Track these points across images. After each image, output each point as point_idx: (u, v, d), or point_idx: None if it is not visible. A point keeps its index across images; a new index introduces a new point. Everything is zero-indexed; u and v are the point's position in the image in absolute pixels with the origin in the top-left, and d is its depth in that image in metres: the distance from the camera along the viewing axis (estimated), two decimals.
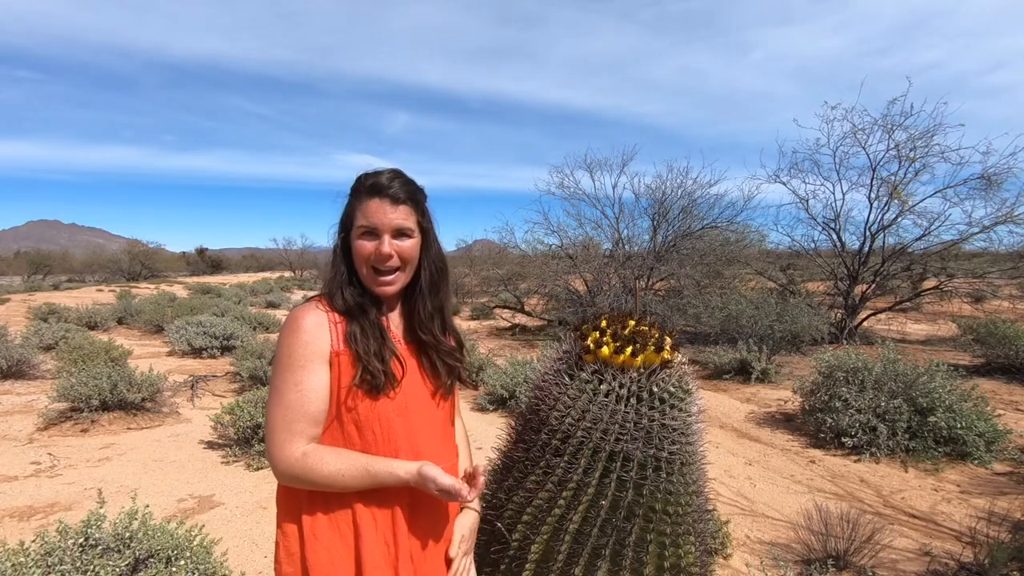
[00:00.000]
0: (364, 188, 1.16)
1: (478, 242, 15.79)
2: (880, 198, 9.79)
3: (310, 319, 1.12)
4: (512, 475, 1.40)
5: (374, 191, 1.15)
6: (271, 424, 1.10)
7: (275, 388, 1.11)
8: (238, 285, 26.26)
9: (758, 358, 7.12)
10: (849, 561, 2.77)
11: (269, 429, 1.11)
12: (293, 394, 1.09)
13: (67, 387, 4.92)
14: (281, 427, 1.09)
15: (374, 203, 1.14)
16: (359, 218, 1.15)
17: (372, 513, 1.12)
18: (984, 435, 4.31)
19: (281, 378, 1.10)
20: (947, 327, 10.39)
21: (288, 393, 1.09)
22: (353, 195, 1.19)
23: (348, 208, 1.19)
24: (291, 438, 1.08)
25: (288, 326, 1.13)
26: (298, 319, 1.12)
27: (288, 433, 1.08)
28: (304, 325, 1.11)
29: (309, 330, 1.11)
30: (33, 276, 36.16)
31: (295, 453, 1.08)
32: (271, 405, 1.11)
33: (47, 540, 2.04)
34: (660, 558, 1.29)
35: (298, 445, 1.09)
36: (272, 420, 1.10)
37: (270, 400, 1.12)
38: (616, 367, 1.30)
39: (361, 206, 1.16)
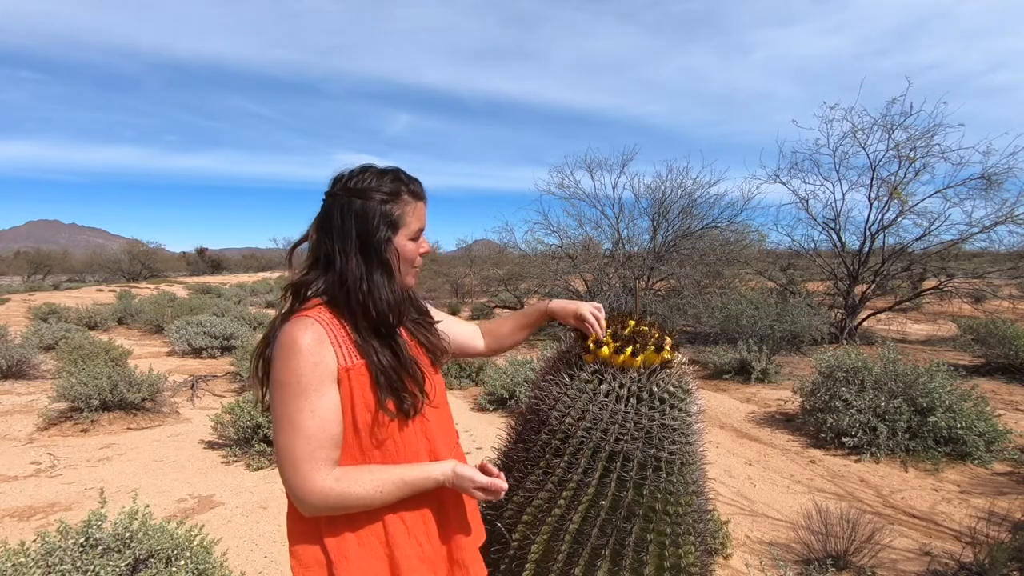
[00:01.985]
0: (414, 191, 1.14)
1: (478, 242, 15.80)
2: (880, 198, 9.79)
3: (309, 336, 1.02)
4: (512, 475, 1.40)
5: (420, 195, 1.16)
6: (292, 457, 1.00)
7: (286, 417, 1.01)
8: (238, 285, 26.26)
9: (758, 358, 7.12)
10: (849, 561, 2.77)
11: (290, 462, 1.00)
12: (311, 421, 1.01)
13: (67, 387, 4.92)
14: (305, 459, 1.00)
15: (422, 206, 1.16)
16: (414, 222, 1.14)
17: (402, 519, 1.10)
18: (984, 435, 4.31)
19: (294, 406, 1.01)
20: (947, 327, 10.39)
21: (305, 421, 1.00)
22: (393, 197, 1.11)
23: (391, 210, 1.10)
24: (317, 467, 1.01)
25: (287, 347, 1.02)
26: (296, 339, 1.02)
27: (313, 462, 1.01)
28: (305, 345, 1.02)
29: (313, 350, 1.02)
30: (33, 276, 36.16)
31: (327, 483, 1.01)
32: (286, 436, 1.01)
33: (47, 540, 2.04)
34: (660, 558, 1.29)
35: (327, 472, 1.02)
36: (292, 452, 1.00)
37: (283, 431, 1.01)
38: (616, 367, 1.30)
39: (413, 209, 1.14)
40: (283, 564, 2.87)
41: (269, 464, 4.13)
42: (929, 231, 9.52)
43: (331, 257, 1.09)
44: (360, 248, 1.08)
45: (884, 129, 9.42)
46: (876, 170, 9.68)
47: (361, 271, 1.08)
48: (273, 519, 3.33)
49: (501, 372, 5.97)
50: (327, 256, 1.10)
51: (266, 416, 4.23)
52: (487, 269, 13.81)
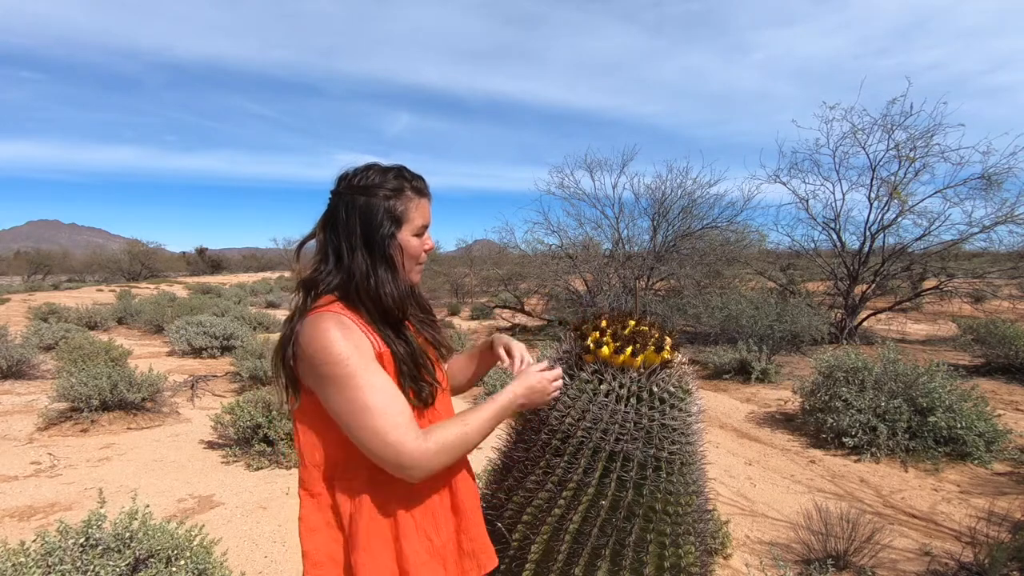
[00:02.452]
0: (417, 187, 1.16)
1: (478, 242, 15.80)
2: (880, 198, 9.79)
3: (338, 327, 1.04)
4: (512, 475, 1.40)
5: (423, 192, 1.17)
6: (377, 435, 0.99)
7: (355, 401, 1.00)
8: (238, 285, 26.27)
9: (758, 358, 7.12)
10: (849, 561, 2.77)
11: (379, 442, 1.00)
12: (376, 396, 1.01)
13: (67, 387, 4.92)
14: (390, 430, 1.00)
15: (425, 203, 1.18)
16: (417, 218, 1.15)
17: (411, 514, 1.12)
18: (984, 435, 4.31)
19: (353, 391, 1.00)
20: (947, 327, 10.39)
21: (371, 399, 1.00)
22: (396, 193, 1.13)
23: (394, 206, 1.13)
24: (405, 432, 1.01)
25: (321, 340, 1.02)
26: (327, 330, 1.02)
27: (398, 429, 1.01)
28: (339, 334, 1.03)
29: (348, 335, 1.03)
30: (33, 276, 36.17)
31: (420, 443, 1.01)
32: (362, 420, 1.00)
33: (47, 540, 2.03)
34: (660, 558, 1.29)
35: (415, 434, 1.02)
36: (375, 431, 1.00)
37: (357, 418, 1.00)
38: (616, 367, 1.30)
39: (415, 206, 1.15)
40: (283, 564, 2.87)
41: (269, 464, 4.13)
42: (929, 231, 9.53)
43: (339, 253, 1.11)
44: (365, 244, 1.11)
45: (884, 129, 9.43)
46: (876, 170, 9.70)
47: (367, 266, 1.10)
48: (273, 519, 3.33)
49: (501, 372, 5.97)
50: (335, 252, 1.12)
51: (268, 417, 4.23)
52: (487, 269, 13.81)
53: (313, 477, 1.11)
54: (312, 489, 1.12)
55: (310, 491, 1.12)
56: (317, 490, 1.11)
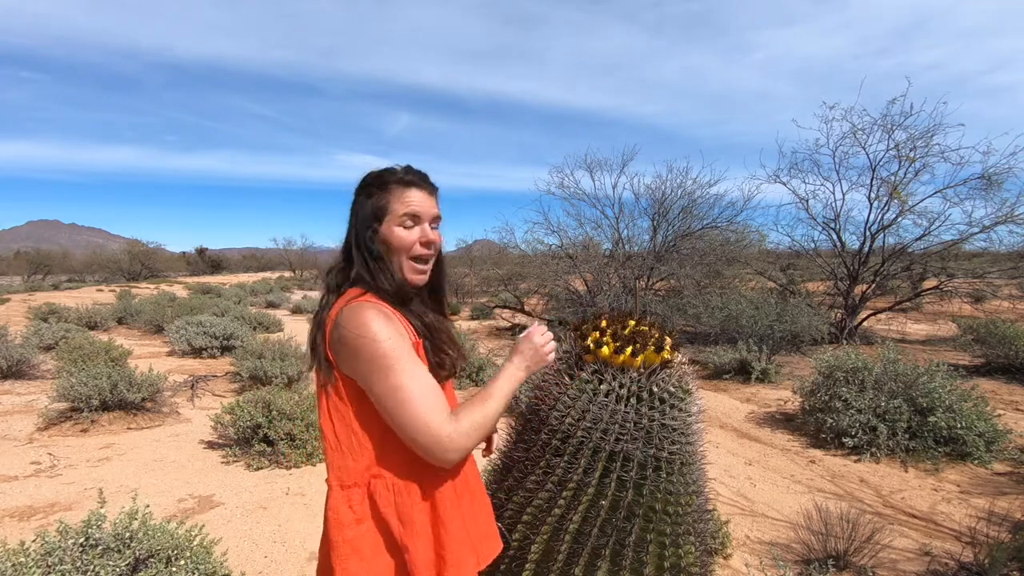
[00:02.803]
0: (400, 179, 1.18)
1: (478, 242, 15.79)
2: (880, 198, 9.79)
3: (380, 316, 1.08)
4: (512, 475, 1.40)
5: (413, 181, 1.19)
6: (418, 420, 1.04)
7: (397, 388, 1.05)
8: (238, 285, 26.27)
9: (758, 358, 7.12)
10: (849, 561, 2.77)
11: (417, 426, 1.04)
12: (418, 383, 1.06)
13: (67, 387, 4.92)
14: (429, 414, 1.05)
15: (414, 191, 1.18)
16: (399, 207, 1.16)
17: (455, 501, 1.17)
18: (984, 435, 4.31)
19: (396, 378, 1.05)
20: (947, 327, 10.39)
21: (414, 385, 1.05)
22: (381, 188, 1.18)
23: (376, 202, 1.17)
24: (441, 418, 1.06)
25: (364, 329, 1.06)
26: (370, 320, 1.07)
27: (435, 414, 1.06)
28: (381, 323, 1.07)
29: (389, 324, 1.08)
30: (33, 276, 36.17)
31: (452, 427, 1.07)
32: (404, 407, 1.05)
33: (47, 540, 2.03)
34: (660, 558, 1.29)
35: (449, 420, 1.07)
36: (416, 417, 1.04)
37: (398, 405, 1.05)
38: (616, 367, 1.30)
39: (399, 195, 1.17)
40: (283, 564, 2.87)
41: (269, 464, 4.13)
42: (929, 231, 9.52)
43: (348, 251, 1.21)
44: (357, 241, 1.19)
45: (884, 129, 9.43)
46: (876, 170, 9.69)
47: (363, 260, 1.18)
48: (273, 519, 3.33)
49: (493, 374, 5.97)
50: (346, 250, 1.22)
51: (268, 417, 4.23)
52: (487, 269, 13.81)
53: (346, 467, 1.13)
54: (344, 480, 1.13)
55: (342, 483, 1.13)
56: (349, 481, 1.13)
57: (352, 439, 1.12)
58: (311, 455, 4.21)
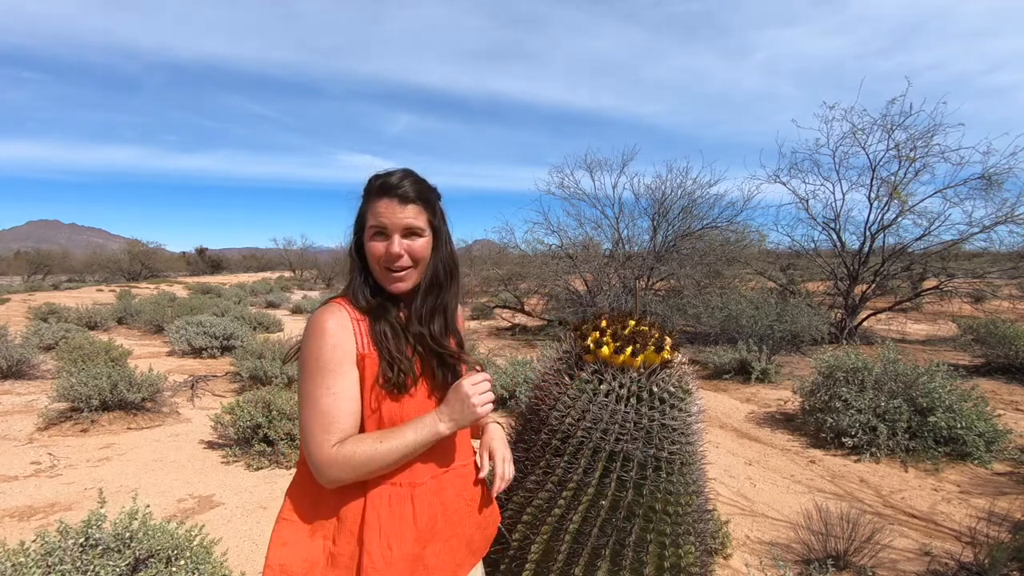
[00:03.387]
0: (374, 188, 1.17)
1: (478, 242, 15.78)
2: (880, 198, 9.79)
3: (333, 322, 1.11)
4: None
5: (383, 191, 1.15)
6: (308, 430, 1.08)
7: (308, 395, 1.09)
8: (238, 285, 26.26)
9: (758, 358, 7.12)
10: (849, 561, 2.77)
11: (307, 435, 1.09)
12: (327, 399, 1.08)
13: (67, 387, 4.92)
14: (319, 431, 1.07)
15: (383, 203, 1.15)
16: (370, 219, 1.17)
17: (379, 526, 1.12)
18: (984, 435, 4.31)
19: (313, 383, 1.09)
20: (947, 327, 10.39)
21: (322, 399, 1.08)
22: (364, 196, 1.20)
23: (361, 209, 1.21)
24: (329, 439, 1.07)
25: (312, 330, 1.11)
26: (321, 323, 1.11)
27: (326, 434, 1.07)
28: (328, 328, 1.10)
29: (334, 333, 1.10)
30: (33, 276, 36.17)
31: (333, 450, 1.07)
32: (306, 412, 1.09)
33: (47, 540, 2.03)
34: (660, 558, 1.29)
35: (338, 441, 1.09)
36: (309, 427, 1.08)
37: (303, 407, 1.09)
38: (616, 367, 1.30)
39: (371, 207, 1.17)
40: None
41: (269, 464, 4.13)
42: (929, 231, 9.52)
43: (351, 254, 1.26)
44: (351, 247, 1.24)
45: (884, 129, 9.43)
46: (876, 170, 9.70)
47: (352, 266, 1.23)
48: (273, 519, 3.33)
49: (501, 372, 5.97)
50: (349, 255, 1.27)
51: (268, 417, 4.23)
52: (487, 269, 13.80)
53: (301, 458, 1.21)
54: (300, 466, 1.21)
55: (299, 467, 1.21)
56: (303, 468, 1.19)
57: None
58: None
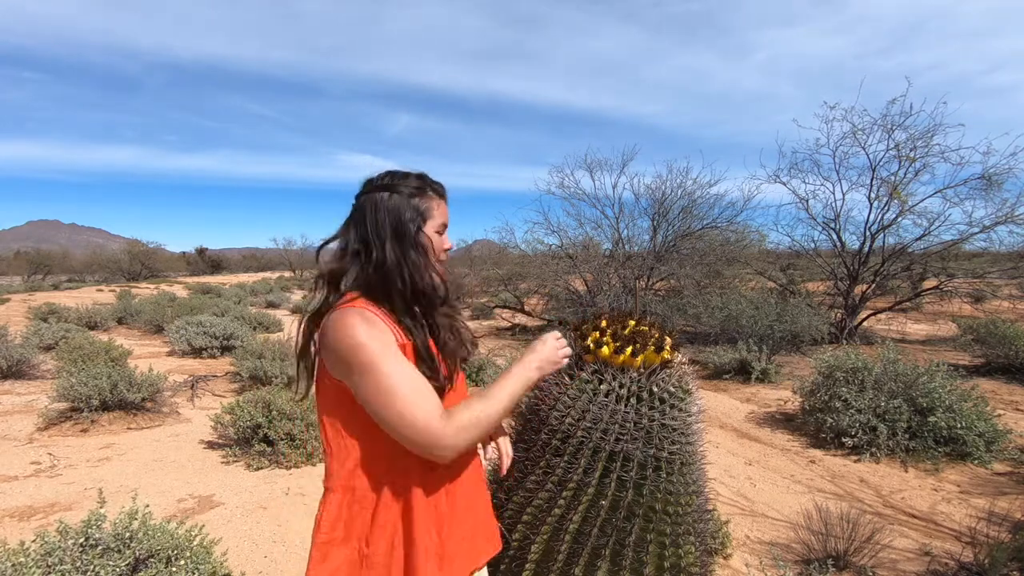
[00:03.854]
0: (434, 189, 1.24)
1: (478, 242, 15.78)
2: (880, 198, 9.79)
3: (364, 320, 1.09)
4: (512, 475, 1.40)
5: (442, 195, 1.26)
6: (409, 415, 1.04)
7: (387, 387, 1.05)
8: (238, 285, 26.26)
9: (758, 358, 7.12)
10: (849, 561, 2.77)
11: (408, 421, 1.04)
12: (410, 381, 1.07)
13: (67, 387, 4.92)
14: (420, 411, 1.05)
15: (444, 204, 1.25)
16: (437, 216, 1.23)
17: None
18: (984, 435, 4.31)
19: (382, 377, 1.05)
20: (947, 327, 10.39)
21: (406, 382, 1.06)
22: (421, 192, 1.21)
23: (421, 203, 1.21)
24: (435, 413, 1.06)
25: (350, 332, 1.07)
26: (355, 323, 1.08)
27: (429, 410, 1.06)
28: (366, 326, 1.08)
29: (374, 326, 1.09)
30: (33, 276, 36.18)
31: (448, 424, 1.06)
32: (395, 402, 1.05)
33: (47, 540, 2.03)
34: (660, 558, 1.29)
35: (443, 414, 1.07)
36: (408, 412, 1.05)
37: (388, 401, 1.05)
38: (616, 367, 1.30)
39: (436, 205, 1.24)
40: (283, 564, 2.87)
41: (269, 464, 4.13)
42: (929, 231, 9.52)
43: (368, 248, 1.17)
44: (395, 235, 1.17)
45: (884, 129, 9.43)
46: (876, 170, 9.69)
47: (397, 256, 1.17)
48: (273, 519, 3.33)
49: (501, 372, 5.98)
50: (364, 246, 1.18)
51: (268, 417, 4.23)
52: (487, 269, 13.79)
53: (332, 471, 1.15)
54: (330, 484, 1.15)
55: (328, 486, 1.16)
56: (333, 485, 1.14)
57: (340, 443, 1.13)
58: (311, 455, 4.21)
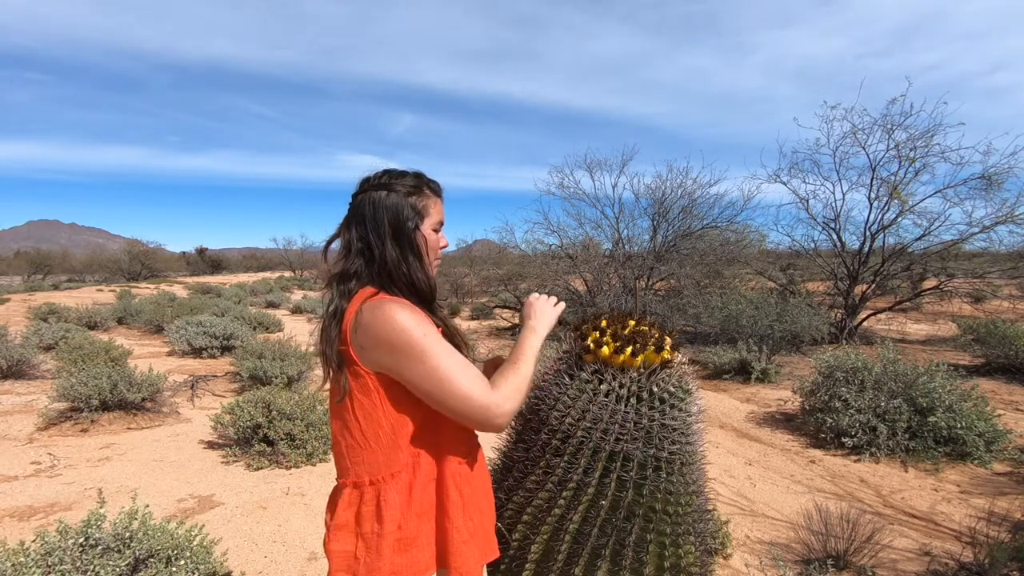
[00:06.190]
0: (430, 188, 1.27)
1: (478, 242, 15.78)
2: (880, 198, 9.79)
3: (407, 307, 1.13)
4: (512, 475, 1.40)
5: (438, 192, 1.28)
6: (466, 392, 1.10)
7: (439, 368, 1.09)
8: (238, 285, 26.26)
9: (758, 358, 7.12)
10: (849, 561, 2.77)
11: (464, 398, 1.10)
12: (453, 359, 1.12)
13: (67, 387, 4.92)
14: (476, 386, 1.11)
15: (440, 202, 1.29)
16: (434, 214, 1.26)
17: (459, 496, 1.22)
18: (984, 435, 4.31)
19: (433, 359, 1.09)
20: (947, 327, 10.39)
21: (455, 362, 1.11)
22: (418, 191, 1.24)
23: (418, 202, 1.23)
24: (485, 386, 1.12)
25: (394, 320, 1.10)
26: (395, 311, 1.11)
27: (481, 382, 1.12)
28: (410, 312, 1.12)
29: (416, 314, 1.13)
30: (33, 276, 36.20)
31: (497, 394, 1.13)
32: (447, 385, 1.09)
33: (47, 540, 2.03)
34: (660, 558, 1.29)
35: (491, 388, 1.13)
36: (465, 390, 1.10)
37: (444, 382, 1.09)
38: (616, 367, 1.30)
39: (433, 203, 1.27)
40: (283, 564, 2.87)
41: (269, 464, 4.13)
42: (929, 231, 9.52)
43: (369, 246, 1.20)
44: (394, 235, 1.20)
45: (884, 129, 9.43)
46: (876, 170, 9.70)
47: (397, 254, 1.20)
48: (273, 519, 3.33)
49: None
50: (366, 245, 1.20)
51: (268, 417, 4.23)
52: (487, 269, 13.80)
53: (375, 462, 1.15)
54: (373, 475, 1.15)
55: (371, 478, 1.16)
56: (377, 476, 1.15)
57: (379, 433, 1.15)
58: (311, 455, 4.21)
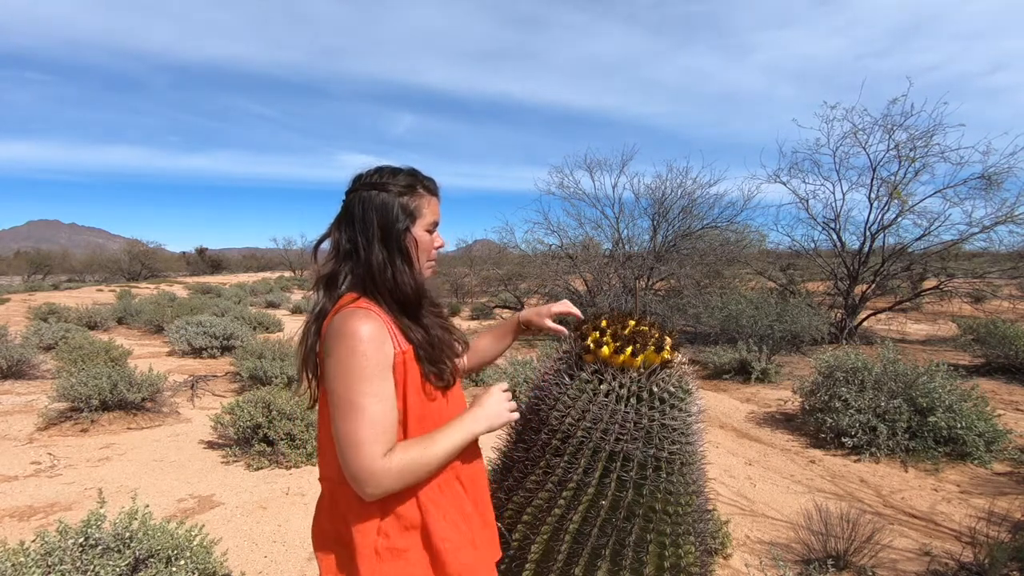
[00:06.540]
0: (424, 187, 1.22)
1: (478, 242, 15.79)
2: (880, 198, 9.79)
3: (370, 327, 1.07)
4: (512, 475, 1.40)
5: (433, 191, 1.24)
6: (355, 441, 1.02)
7: (351, 403, 1.03)
8: (238, 285, 26.26)
9: (758, 358, 7.12)
10: (849, 561, 2.77)
11: (353, 446, 1.02)
12: (376, 405, 1.04)
13: (67, 387, 4.92)
14: (370, 441, 1.02)
15: (435, 201, 1.24)
16: (428, 214, 1.21)
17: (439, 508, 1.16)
18: (984, 435, 4.31)
19: (358, 391, 1.03)
20: (947, 327, 10.39)
21: (371, 406, 1.03)
22: (410, 191, 1.19)
23: (409, 202, 1.18)
24: (380, 449, 1.03)
25: (351, 336, 1.05)
26: (359, 328, 1.06)
27: (376, 445, 1.03)
28: (368, 334, 1.06)
29: (375, 338, 1.06)
30: (33, 276, 36.21)
31: (384, 462, 1.04)
32: (351, 422, 1.02)
33: (47, 540, 2.03)
34: (660, 558, 1.29)
35: (387, 452, 1.05)
36: (356, 437, 1.02)
37: (347, 417, 1.03)
38: (616, 367, 1.30)
39: (427, 203, 1.22)
40: (283, 564, 2.87)
41: (269, 464, 4.13)
42: (929, 231, 9.53)
43: (356, 247, 1.16)
44: (382, 237, 1.16)
45: (884, 129, 9.43)
46: (876, 170, 9.70)
47: (383, 258, 1.15)
48: (273, 519, 3.33)
49: (501, 372, 5.97)
50: (353, 247, 1.17)
51: (268, 417, 4.23)
52: (487, 269, 13.80)
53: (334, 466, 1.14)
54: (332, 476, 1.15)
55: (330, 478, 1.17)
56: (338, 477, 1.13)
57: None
58: (311, 455, 4.21)
